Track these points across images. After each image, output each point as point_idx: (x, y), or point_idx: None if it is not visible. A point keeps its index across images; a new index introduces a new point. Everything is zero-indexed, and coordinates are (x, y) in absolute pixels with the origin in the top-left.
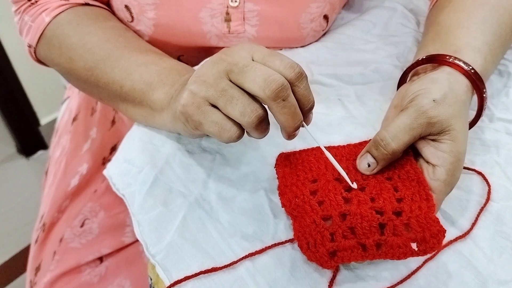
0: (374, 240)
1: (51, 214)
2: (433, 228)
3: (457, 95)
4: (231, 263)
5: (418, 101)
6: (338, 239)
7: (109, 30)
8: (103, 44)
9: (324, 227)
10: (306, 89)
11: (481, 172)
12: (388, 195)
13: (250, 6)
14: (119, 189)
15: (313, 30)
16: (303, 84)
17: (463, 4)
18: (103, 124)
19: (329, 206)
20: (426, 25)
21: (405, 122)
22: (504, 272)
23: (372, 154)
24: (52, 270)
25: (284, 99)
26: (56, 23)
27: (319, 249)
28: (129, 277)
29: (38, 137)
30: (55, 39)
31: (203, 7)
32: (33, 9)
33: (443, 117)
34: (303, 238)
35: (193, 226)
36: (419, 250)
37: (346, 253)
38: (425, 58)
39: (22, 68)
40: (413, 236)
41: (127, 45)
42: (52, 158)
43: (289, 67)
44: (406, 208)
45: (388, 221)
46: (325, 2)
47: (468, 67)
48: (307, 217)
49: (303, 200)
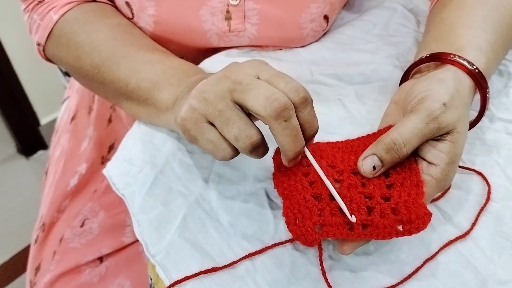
0: (360, 219)
1: (50, 214)
2: (419, 211)
3: (462, 97)
4: (231, 263)
5: (428, 104)
6: (326, 215)
7: (116, 27)
8: (109, 41)
9: (313, 203)
10: (311, 114)
11: (481, 172)
12: (378, 181)
13: (251, 5)
14: (119, 189)
15: (313, 30)
16: (307, 109)
17: (464, 2)
18: (100, 123)
19: (320, 186)
20: (428, 24)
21: (418, 127)
22: (504, 272)
23: (380, 157)
24: (52, 270)
25: (286, 119)
26: (63, 21)
27: (305, 223)
28: (129, 277)
29: (38, 137)
30: (63, 37)
31: (203, 4)
32: (41, 7)
33: (451, 121)
34: (291, 214)
35: (193, 226)
36: (404, 230)
37: (331, 228)
38: (429, 56)
39: (22, 68)
40: (400, 218)
41: (133, 42)
42: (52, 158)
43: (294, 90)
44: (395, 194)
45: (376, 205)
46: (325, 3)
47: (472, 66)
48: (297, 194)
49: (295, 180)
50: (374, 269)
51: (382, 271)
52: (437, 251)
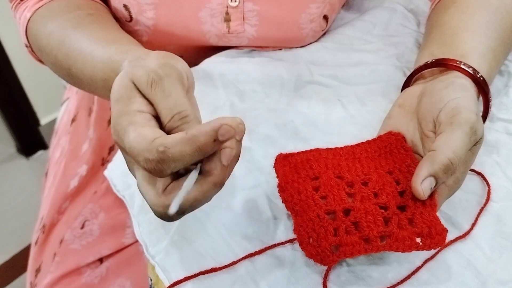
0: (378, 231)
1: (51, 216)
2: (438, 226)
3: (477, 104)
4: (231, 263)
5: (466, 115)
6: (341, 234)
7: (66, 22)
8: (62, 44)
9: (328, 222)
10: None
11: (480, 173)
12: (391, 189)
13: (250, 6)
14: (120, 191)
15: (312, 30)
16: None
17: (467, 5)
18: (100, 124)
19: (333, 201)
20: (429, 25)
21: (465, 141)
22: (504, 272)
23: (437, 177)
24: (52, 272)
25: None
26: (33, 20)
27: (321, 244)
28: (130, 278)
29: (38, 137)
30: (33, 38)
31: (202, 6)
32: (21, 5)
33: (481, 131)
34: (305, 233)
35: (193, 227)
36: (424, 244)
37: (348, 248)
38: (434, 61)
39: (22, 68)
40: (418, 230)
41: (88, 37)
42: (52, 159)
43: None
44: (410, 202)
45: (393, 215)
46: (325, 3)
47: (477, 74)
48: (310, 212)
49: (306, 195)
50: (374, 269)
51: (382, 271)
52: (437, 251)
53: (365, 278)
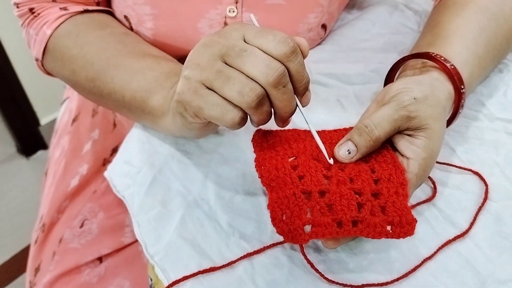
0: (351, 216)
1: (50, 215)
2: (408, 215)
3: (439, 100)
4: (230, 263)
5: (399, 97)
6: (315, 215)
7: (107, 37)
8: (101, 53)
9: (303, 201)
10: (301, 64)
11: (477, 172)
12: (366, 177)
13: (248, 16)
14: (119, 191)
15: (310, 39)
16: (297, 59)
17: (465, 8)
18: (105, 126)
19: (310, 182)
20: (427, 24)
21: (387, 113)
22: (504, 271)
23: (354, 141)
24: (52, 271)
25: (284, 85)
26: (56, 36)
27: (294, 222)
28: (128, 277)
29: (38, 137)
30: (57, 52)
31: (201, 17)
32: (36, 21)
33: (422, 114)
34: (279, 209)
35: (192, 226)
36: (393, 233)
37: (320, 229)
38: (410, 55)
39: (22, 68)
40: (390, 219)
41: (124, 52)
42: (52, 159)
43: (283, 42)
44: (384, 190)
45: (367, 201)
46: (323, 12)
47: (448, 63)
48: (286, 189)
49: (284, 172)
50: (373, 268)
51: (380, 270)
52: (436, 251)
53: (363, 277)
